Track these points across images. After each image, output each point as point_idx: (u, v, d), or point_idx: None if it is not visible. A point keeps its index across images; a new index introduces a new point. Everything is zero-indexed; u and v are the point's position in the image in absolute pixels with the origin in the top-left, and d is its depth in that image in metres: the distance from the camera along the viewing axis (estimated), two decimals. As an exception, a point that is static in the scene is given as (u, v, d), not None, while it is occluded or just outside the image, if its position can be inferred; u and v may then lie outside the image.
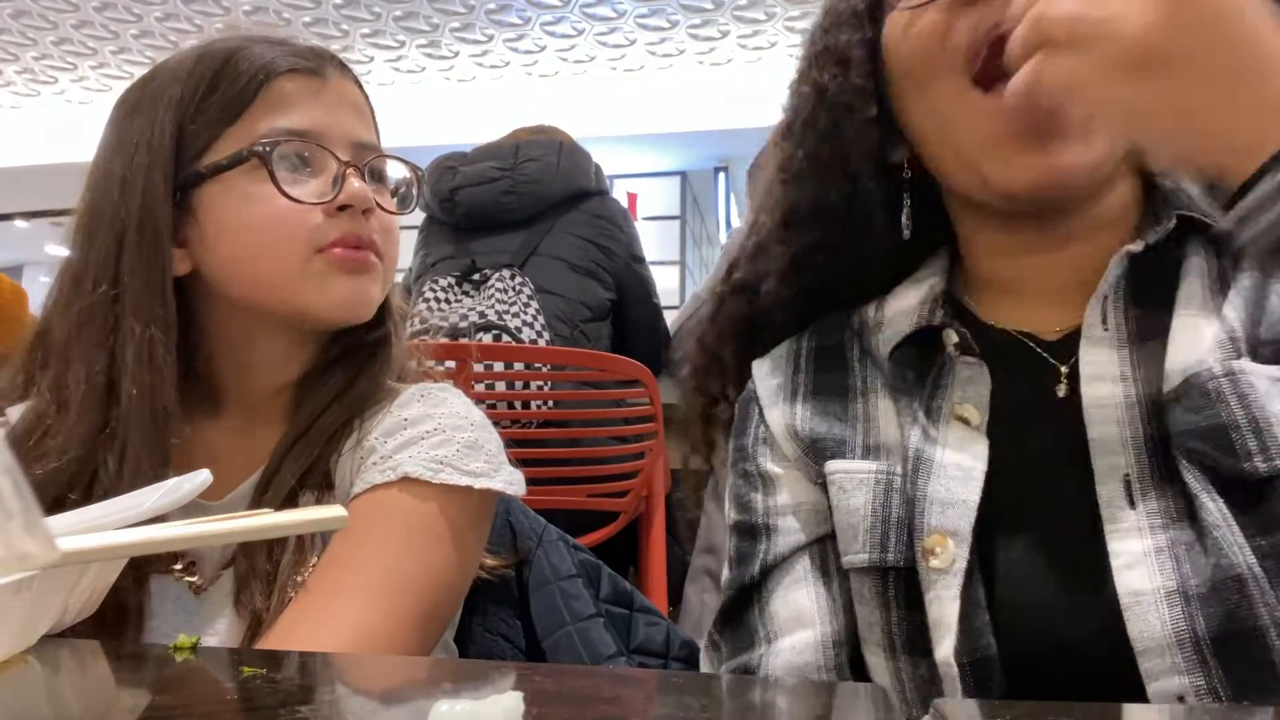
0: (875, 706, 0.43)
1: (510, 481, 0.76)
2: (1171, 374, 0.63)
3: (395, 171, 0.84)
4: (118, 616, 0.68)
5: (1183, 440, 0.60)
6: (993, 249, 0.76)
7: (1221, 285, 0.66)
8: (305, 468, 0.75)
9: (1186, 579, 0.57)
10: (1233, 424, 0.58)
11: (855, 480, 0.70)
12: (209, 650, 0.48)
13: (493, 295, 1.86)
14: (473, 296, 1.91)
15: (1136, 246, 0.67)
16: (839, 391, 0.76)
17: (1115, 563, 0.60)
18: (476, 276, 1.93)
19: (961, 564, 0.62)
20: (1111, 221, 0.71)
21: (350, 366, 0.82)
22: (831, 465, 0.72)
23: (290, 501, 0.73)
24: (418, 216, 2.16)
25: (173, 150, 0.75)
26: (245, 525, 0.47)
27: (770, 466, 0.76)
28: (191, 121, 0.75)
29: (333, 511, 0.48)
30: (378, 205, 0.79)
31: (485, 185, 2.00)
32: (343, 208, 0.76)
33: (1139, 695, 0.56)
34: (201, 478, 0.50)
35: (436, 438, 0.76)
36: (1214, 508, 0.58)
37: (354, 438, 0.78)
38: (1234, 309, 0.63)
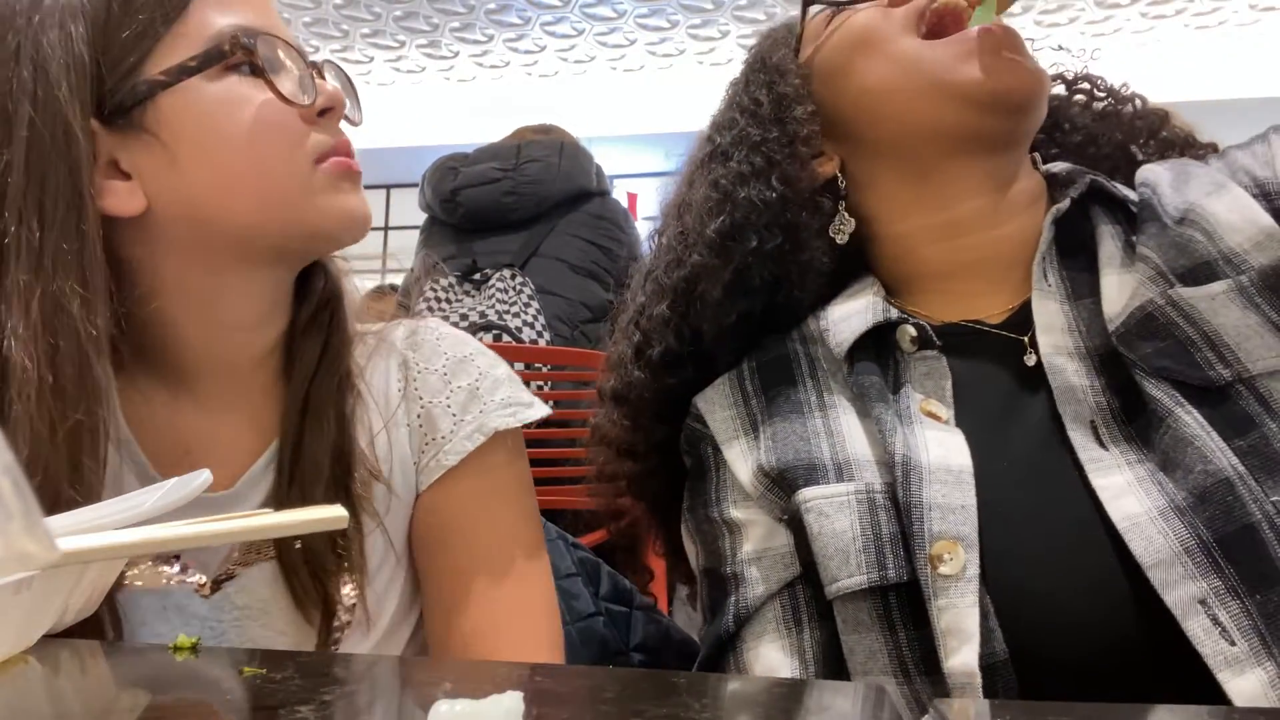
0: (875, 707, 0.43)
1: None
2: (1112, 317, 0.68)
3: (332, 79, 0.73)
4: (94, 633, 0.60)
5: (1150, 361, 0.65)
6: (930, 236, 0.78)
7: (1129, 243, 0.73)
8: (334, 443, 0.69)
9: (1173, 496, 0.61)
10: (1188, 341, 0.64)
11: (836, 504, 0.68)
12: (209, 650, 0.48)
13: (493, 295, 1.86)
14: (473, 296, 1.91)
15: (1064, 204, 0.74)
16: (795, 409, 0.75)
17: (1103, 496, 0.62)
18: (477, 276, 1.94)
19: (973, 570, 0.61)
20: (1028, 204, 0.77)
21: (323, 313, 0.74)
22: (805, 493, 0.69)
23: (332, 485, 0.68)
24: (419, 217, 2.17)
25: (92, 67, 0.60)
26: (245, 525, 0.47)
27: (734, 514, 0.74)
28: (118, 29, 0.61)
29: (332, 511, 0.47)
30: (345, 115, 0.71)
31: (487, 186, 2.00)
32: (323, 113, 0.68)
33: (1158, 627, 0.57)
34: (203, 477, 0.50)
35: (488, 381, 0.76)
36: (1190, 419, 0.62)
37: (359, 396, 0.73)
38: (1150, 250, 0.69)
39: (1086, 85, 0.88)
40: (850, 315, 0.76)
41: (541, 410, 0.76)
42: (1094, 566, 0.60)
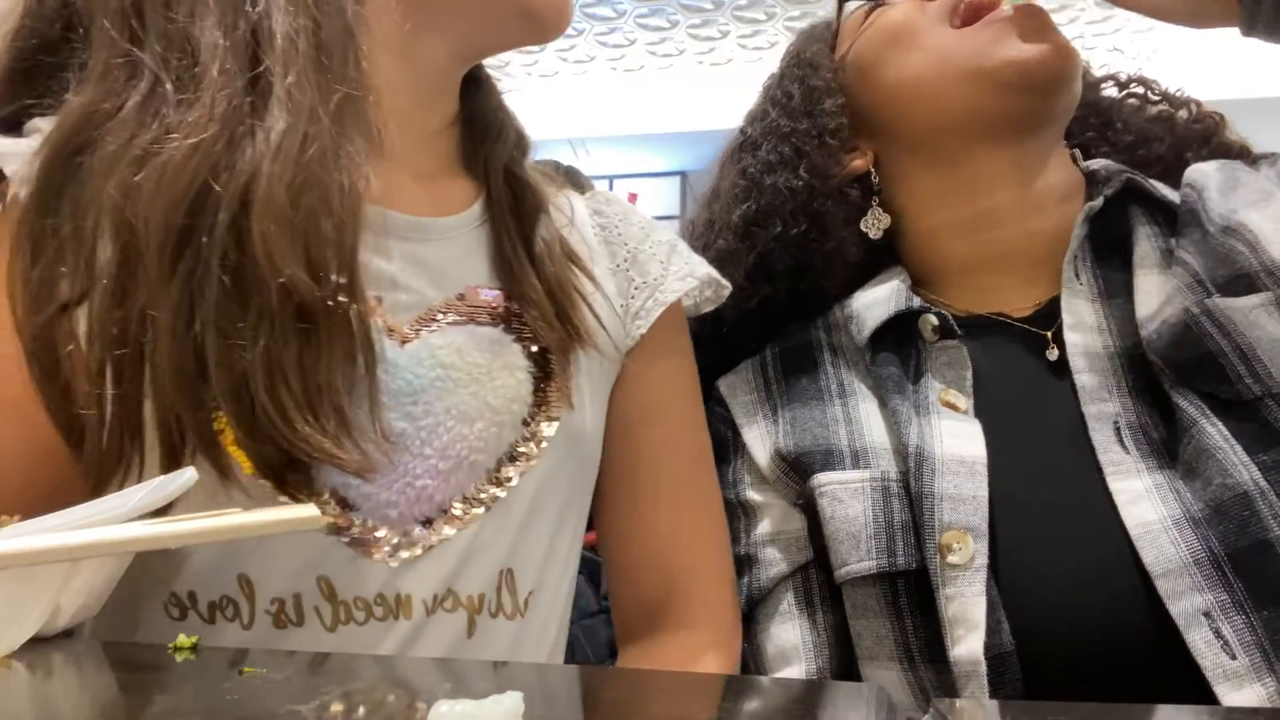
0: (875, 706, 0.43)
1: None
2: (1145, 323, 0.67)
3: None
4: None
5: (1179, 371, 0.64)
6: (959, 230, 0.78)
7: (1165, 243, 0.72)
8: (543, 202, 0.69)
9: (1189, 506, 0.60)
10: (1220, 352, 0.63)
11: (850, 490, 0.69)
12: (209, 650, 0.48)
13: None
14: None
15: (1097, 203, 0.73)
16: (814, 396, 0.76)
17: (1120, 500, 0.62)
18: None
19: (982, 559, 0.62)
20: (1062, 196, 0.76)
21: (505, 119, 0.73)
22: (821, 478, 0.70)
23: (555, 297, 0.65)
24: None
25: None
26: (209, 526, 0.46)
27: (751, 495, 0.75)
28: None
29: (305, 511, 0.46)
30: None
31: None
32: None
33: (1162, 634, 0.57)
34: (186, 475, 0.49)
35: (681, 243, 0.77)
36: (1214, 431, 0.61)
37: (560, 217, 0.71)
38: (1190, 256, 0.68)
39: (1140, 88, 0.88)
40: (873, 304, 0.77)
41: (726, 284, 0.77)
42: (1105, 568, 0.60)
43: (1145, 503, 0.61)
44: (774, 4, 4.70)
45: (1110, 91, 0.88)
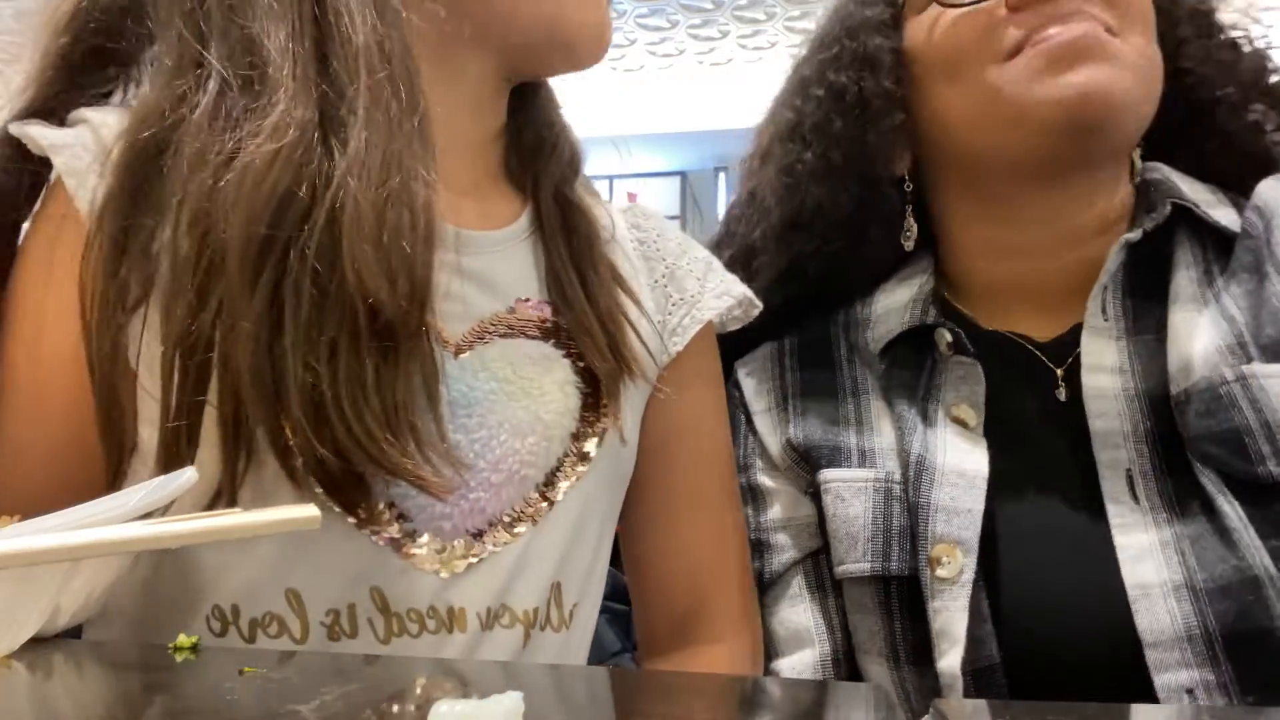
0: (875, 707, 0.43)
1: None
2: (1175, 374, 0.63)
3: None
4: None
5: (1197, 445, 0.61)
6: (988, 252, 0.75)
7: (1208, 277, 0.67)
8: (596, 229, 0.68)
9: (1193, 573, 0.58)
10: (1246, 429, 0.59)
11: (853, 489, 0.69)
12: (209, 650, 0.48)
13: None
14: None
15: (1135, 235, 0.68)
16: (828, 392, 0.75)
17: (1122, 555, 0.60)
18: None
19: (969, 574, 0.61)
20: (1103, 226, 0.71)
21: (559, 135, 0.73)
22: (827, 474, 0.71)
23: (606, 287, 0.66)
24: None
25: None
26: (209, 526, 0.46)
27: (762, 480, 0.75)
28: None
29: (305, 511, 0.46)
30: None
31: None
32: None
33: (1143, 690, 0.57)
34: (186, 475, 0.49)
35: (716, 261, 0.76)
36: (1231, 511, 0.58)
37: (609, 234, 0.70)
38: (1237, 308, 0.64)
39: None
40: (890, 311, 0.76)
41: (758, 303, 0.76)
42: (1097, 621, 0.59)
43: (1148, 562, 0.59)
44: (774, 4, 4.71)
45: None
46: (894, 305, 0.76)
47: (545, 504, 0.62)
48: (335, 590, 0.56)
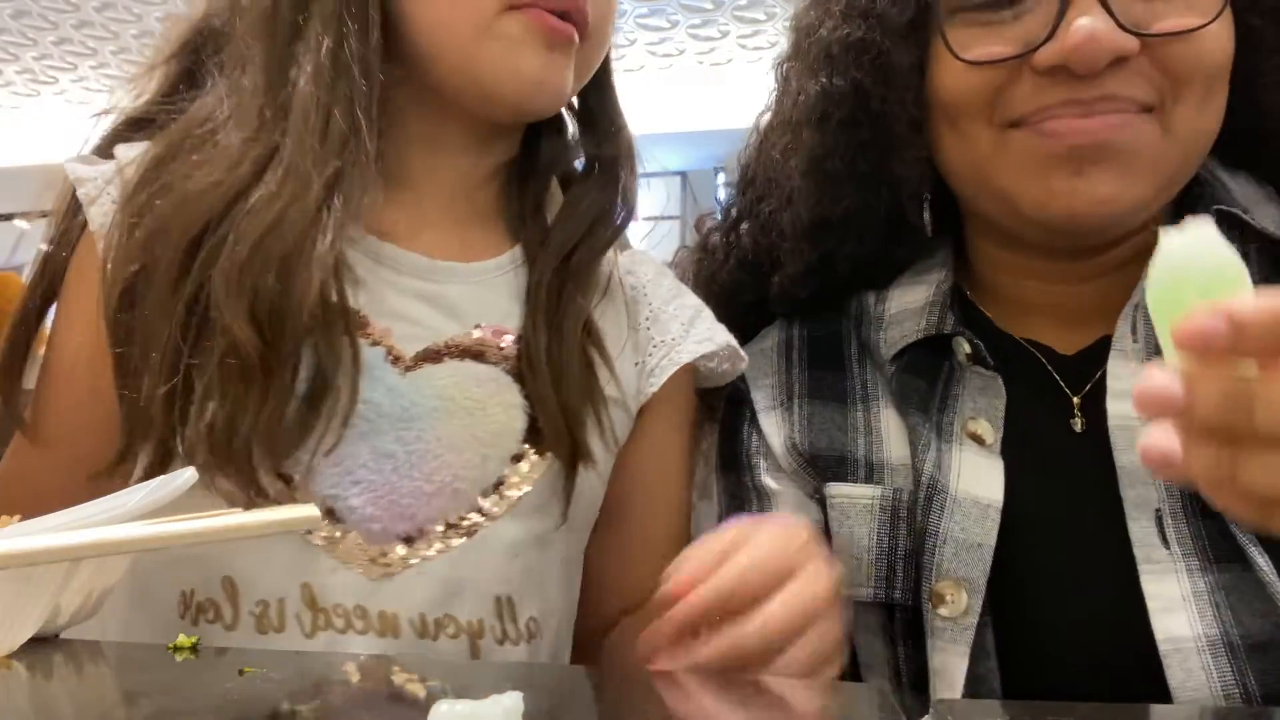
0: (875, 707, 0.43)
1: None
2: None
3: None
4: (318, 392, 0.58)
5: None
6: (1009, 268, 0.70)
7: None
8: (586, 310, 0.67)
9: (1229, 628, 0.54)
10: None
11: (858, 507, 0.66)
12: (209, 650, 0.48)
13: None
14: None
15: None
16: (836, 396, 0.72)
17: (1152, 605, 0.55)
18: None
19: (973, 618, 0.58)
20: (1134, 255, 0.64)
21: (603, 182, 0.72)
22: (832, 488, 0.68)
23: (581, 351, 0.66)
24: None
25: None
26: (208, 526, 0.46)
27: (767, 481, 0.72)
28: None
29: (305, 511, 0.47)
30: None
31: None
32: None
33: None
34: (186, 475, 0.49)
35: (706, 310, 0.74)
36: (1264, 563, 0.55)
37: (604, 288, 0.70)
38: None
39: None
40: (906, 312, 0.71)
41: (743, 355, 0.74)
42: (1123, 669, 0.56)
43: (1180, 614, 0.54)
44: (774, 4, 4.70)
45: None
46: (909, 306, 0.71)
47: (482, 518, 0.63)
48: (268, 583, 0.59)
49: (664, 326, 0.72)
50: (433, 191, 0.69)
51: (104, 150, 0.69)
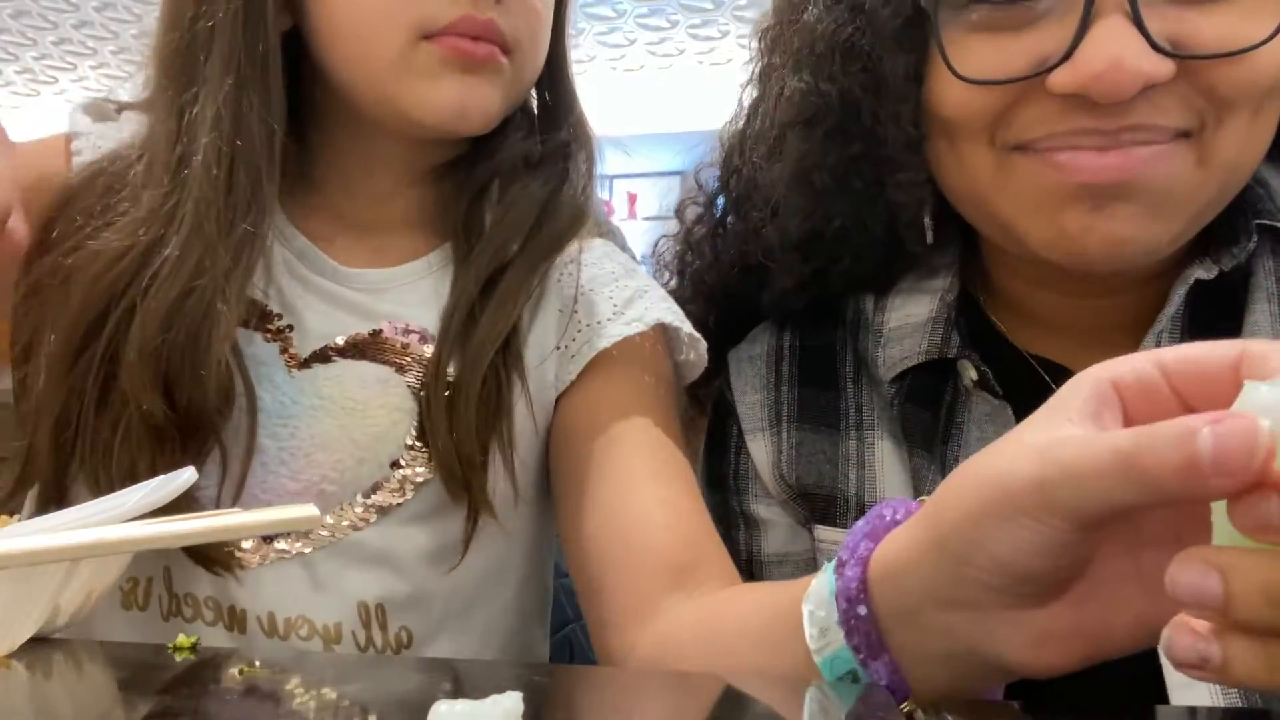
0: (875, 707, 0.43)
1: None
2: None
3: None
4: (219, 397, 0.59)
5: None
6: (1022, 276, 0.63)
7: None
8: (505, 335, 0.64)
9: (1251, 700, 0.51)
10: None
11: None
12: (209, 650, 0.48)
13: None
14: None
15: (1207, 273, 0.55)
16: (827, 419, 0.66)
17: (1170, 680, 0.51)
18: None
19: None
20: (1176, 259, 0.56)
21: (545, 177, 0.69)
22: (820, 532, 0.64)
23: (492, 374, 0.63)
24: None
25: None
26: (208, 526, 0.46)
27: (757, 509, 0.68)
28: None
29: (304, 511, 0.47)
30: None
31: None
32: None
33: None
34: (186, 475, 0.50)
35: (655, 291, 0.70)
36: None
37: (538, 292, 0.67)
38: None
39: None
40: (907, 328, 0.64)
41: (699, 338, 0.68)
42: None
43: (1202, 688, 0.50)
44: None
45: None
46: (911, 320, 0.64)
47: (346, 523, 0.63)
48: (140, 561, 0.62)
49: (592, 309, 0.68)
50: (359, 200, 0.69)
51: (119, 110, 0.70)
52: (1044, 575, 0.35)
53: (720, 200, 0.75)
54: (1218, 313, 0.56)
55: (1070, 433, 0.33)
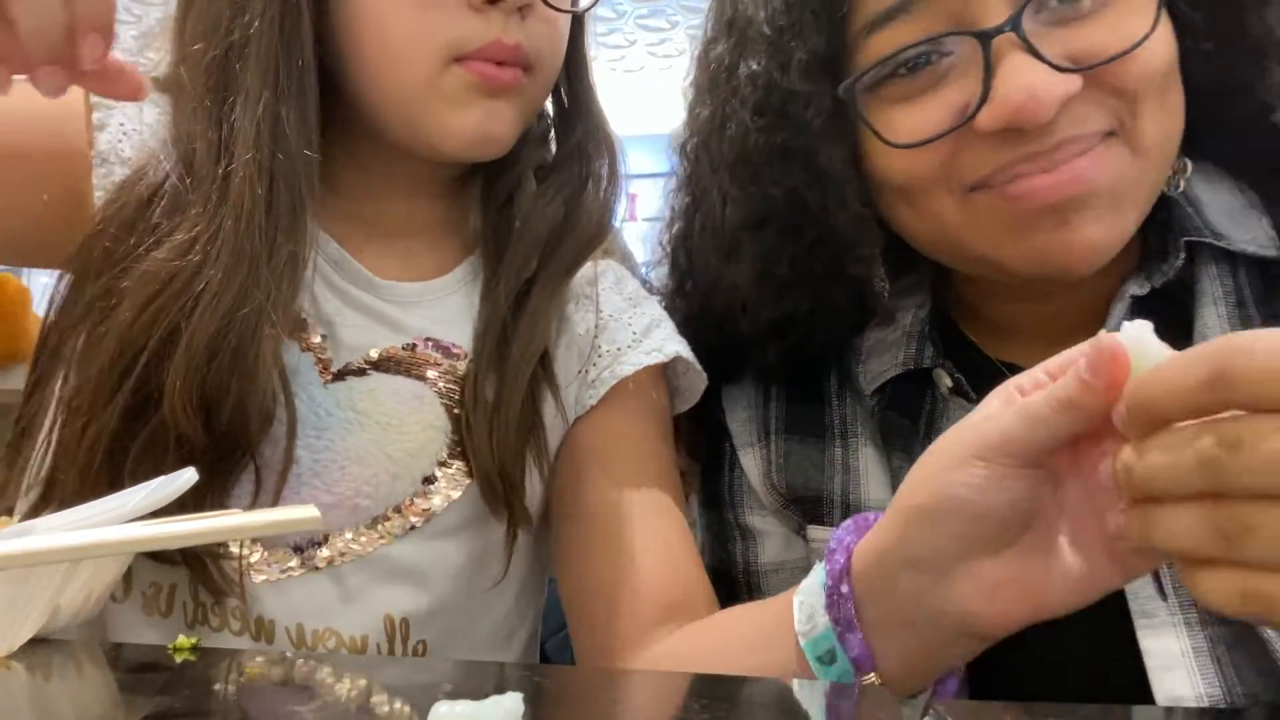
0: (875, 707, 0.43)
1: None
2: None
3: None
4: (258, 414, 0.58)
5: None
6: (980, 289, 0.67)
7: (1241, 308, 0.58)
8: (539, 354, 0.64)
9: (1233, 686, 0.51)
10: None
11: None
12: (209, 650, 0.48)
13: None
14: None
15: (1140, 289, 0.59)
16: (814, 430, 0.68)
17: (1150, 663, 0.53)
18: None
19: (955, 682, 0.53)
20: (1116, 259, 0.59)
21: (564, 183, 0.69)
22: (811, 531, 0.66)
23: (529, 391, 0.63)
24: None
25: None
26: (209, 526, 0.46)
27: (751, 520, 0.70)
28: None
29: (305, 512, 0.47)
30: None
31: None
32: (493, 1, 0.59)
33: None
34: (186, 475, 0.49)
35: (668, 322, 0.71)
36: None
37: (559, 316, 0.68)
38: None
39: None
40: (885, 344, 0.67)
41: (701, 372, 0.70)
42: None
43: (1180, 672, 0.52)
44: (774, 4, 4.70)
45: None
46: (888, 336, 0.68)
47: (378, 537, 0.63)
48: (164, 566, 0.60)
49: (613, 335, 0.69)
50: (384, 206, 0.69)
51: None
52: (997, 512, 0.42)
53: (688, 285, 0.77)
54: (1167, 316, 0.56)
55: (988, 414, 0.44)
